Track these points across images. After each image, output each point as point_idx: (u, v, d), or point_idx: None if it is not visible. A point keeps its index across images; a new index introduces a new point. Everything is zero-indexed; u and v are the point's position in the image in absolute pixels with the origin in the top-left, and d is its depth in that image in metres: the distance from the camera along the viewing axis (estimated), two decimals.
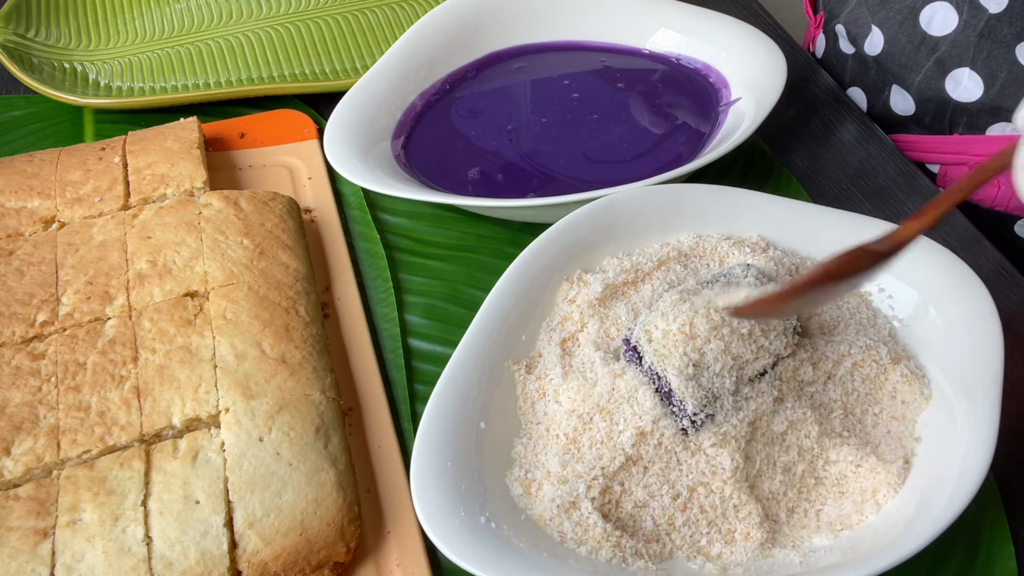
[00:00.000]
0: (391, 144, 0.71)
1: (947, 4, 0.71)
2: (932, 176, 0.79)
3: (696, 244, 0.60)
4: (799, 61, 0.82)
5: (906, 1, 0.74)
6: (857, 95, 0.83)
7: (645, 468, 0.50)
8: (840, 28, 0.82)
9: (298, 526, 0.48)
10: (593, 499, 0.49)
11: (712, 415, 0.49)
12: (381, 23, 0.84)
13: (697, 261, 0.59)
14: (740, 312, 0.48)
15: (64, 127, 0.75)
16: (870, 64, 0.80)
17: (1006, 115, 0.73)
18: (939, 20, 0.72)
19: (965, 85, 0.73)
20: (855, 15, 0.80)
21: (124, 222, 0.62)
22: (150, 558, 0.47)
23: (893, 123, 0.80)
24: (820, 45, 0.88)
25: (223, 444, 0.51)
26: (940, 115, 0.76)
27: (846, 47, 0.83)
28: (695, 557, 0.49)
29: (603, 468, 0.49)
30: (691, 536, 0.49)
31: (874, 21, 0.78)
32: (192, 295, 0.58)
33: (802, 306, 0.48)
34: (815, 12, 0.87)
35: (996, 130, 0.74)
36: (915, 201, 0.70)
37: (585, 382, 0.52)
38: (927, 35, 0.73)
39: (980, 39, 0.70)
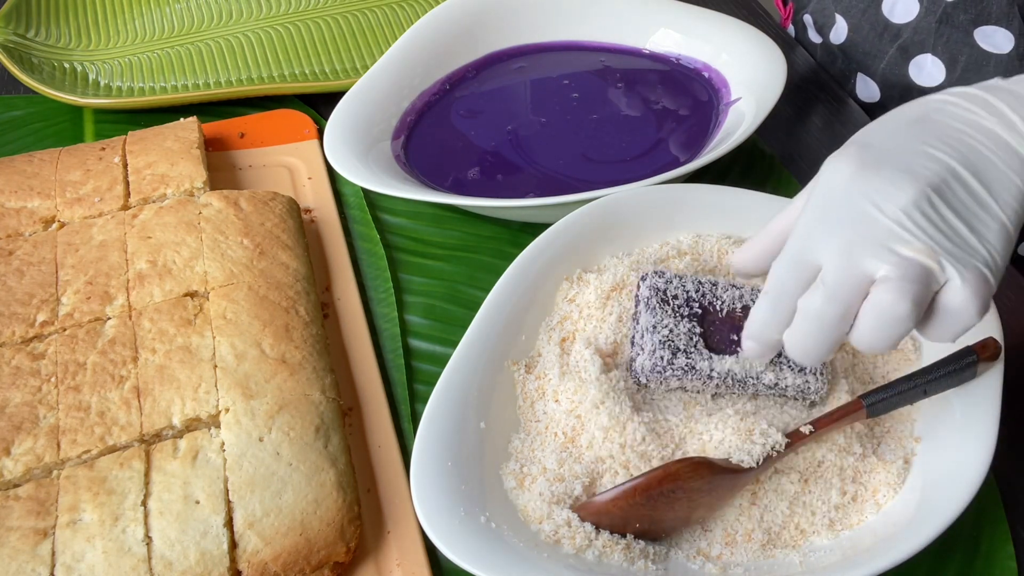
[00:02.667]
0: (391, 144, 0.71)
1: None
2: None
3: (696, 244, 0.60)
4: (798, 60, 0.82)
5: None
6: None
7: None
8: (808, 18, 0.84)
9: (298, 526, 0.48)
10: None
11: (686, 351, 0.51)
12: (381, 23, 0.84)
13: (697, 261, 0.59)
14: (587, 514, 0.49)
15: (64, 127, 0.75)
16: (836, 53, 0.81)
17: None
18: (901, 8, 0.74)
19: (928, 70, 0.74)
20: (821, 5, 0.81)
21: (124, 222, 0.62)
22: (150, 558, 0.47)
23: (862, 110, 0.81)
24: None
25: (223, 444, 0.51)
26: (904, 101, 0.77)
27: (814, 37, 0.84)
28: (695, 557, 0.49)
29: (599, 473, 0.50)
30: (691, 536, 0.49)
31: (838, 10, 0.79)
32: (192, 295, 0.58)
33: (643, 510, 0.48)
34: (784, 4, 0.89)
35: None
36: None
37: (582, 383, 0.52)
38: (889, 22, 0.75)
39: (940, 25, 0.72)
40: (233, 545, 0.48)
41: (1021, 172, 0.43)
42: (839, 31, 0.79)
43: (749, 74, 0.72)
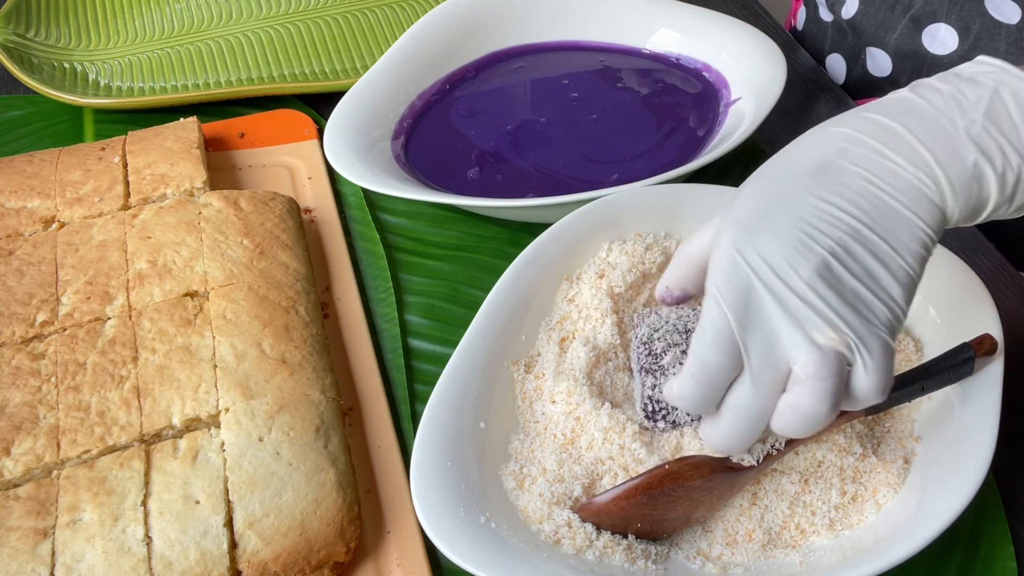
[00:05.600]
0: (391, 144, 0.71)
1: None
2: None
3: None
4: (799, 60, 0.82)
5: None
6: (837, 62, 0.84)
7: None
8: None
9: (298, 526, 0.48)
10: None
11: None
12: (381, 23, 0.84)
13: None
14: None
15: (64, 127, 0.75)
16: (846, 29, 0.81)
17: None
18: None
19: (942, 39, 0.75)
20: None
21: (124, 222, 0.62)
22: (150, 558, 0.47)
23: (872, 87, 0.82)
24: (801, 17, 0.90)
25: (223, 444, 0.51)
26: (916, 72, 0.78)
27: (825, 15, 0.85)
28: (695, 557, 0.49)
29: (599, 475, 0.50)
30: (692, 536, 0.49)
31: None
32: (192, 295, 0.58)
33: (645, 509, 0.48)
34: None
35: None
36: None
37: (576, 383, 0.52)
38: None
39: None
40: (233, 545, 0.48)
41: (926, 214, 0.42)
42: (850, 6, 0.80)
43: (749, 74, 0.72)
